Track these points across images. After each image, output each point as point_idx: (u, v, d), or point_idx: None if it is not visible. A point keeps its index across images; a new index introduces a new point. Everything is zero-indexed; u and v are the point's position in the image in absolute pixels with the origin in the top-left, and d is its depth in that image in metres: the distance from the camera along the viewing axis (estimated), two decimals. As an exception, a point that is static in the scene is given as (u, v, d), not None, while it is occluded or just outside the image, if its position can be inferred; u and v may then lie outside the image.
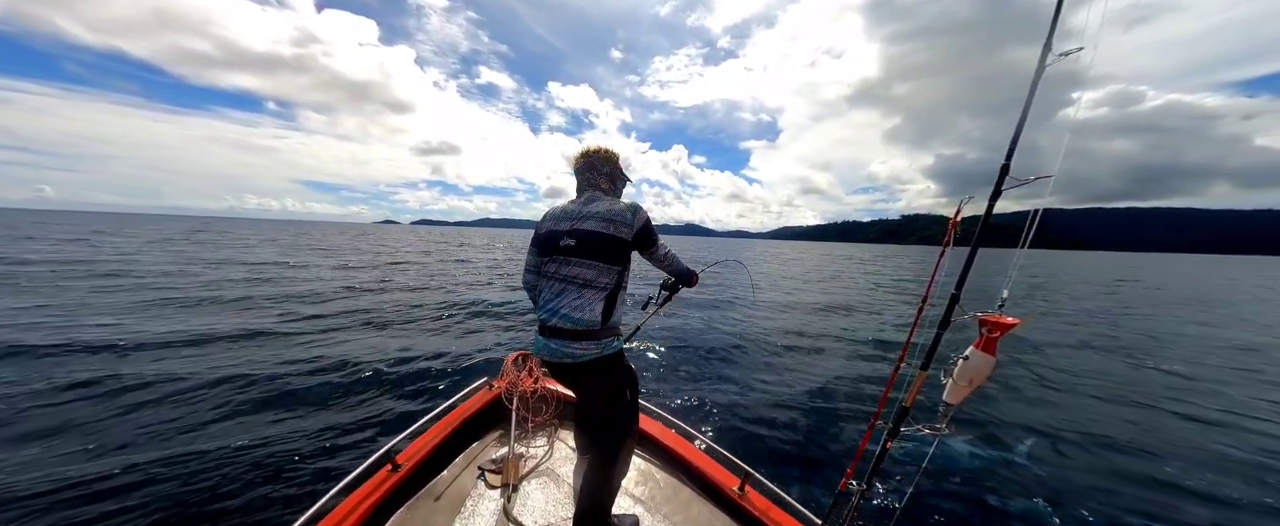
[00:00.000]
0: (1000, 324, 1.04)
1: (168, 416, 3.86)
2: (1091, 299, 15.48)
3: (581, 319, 1.57)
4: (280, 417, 3.95)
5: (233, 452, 3.30)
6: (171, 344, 5.94)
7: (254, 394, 4.46)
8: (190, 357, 5.49)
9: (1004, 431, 4.13)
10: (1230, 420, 4.57)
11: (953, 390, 1.22)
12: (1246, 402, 5.10)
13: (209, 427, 3.70)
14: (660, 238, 1.81)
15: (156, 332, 6.40)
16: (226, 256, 18.66)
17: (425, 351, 6.27)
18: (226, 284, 11.56)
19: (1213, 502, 3.12)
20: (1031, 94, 0.87)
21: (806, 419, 4.29)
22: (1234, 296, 17.75)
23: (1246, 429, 4.37)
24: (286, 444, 3.48)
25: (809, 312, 10.99)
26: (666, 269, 2.00)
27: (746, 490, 2.01)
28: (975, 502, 3.01)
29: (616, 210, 1.64)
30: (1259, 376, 6.23)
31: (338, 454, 3.37)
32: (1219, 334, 9.53)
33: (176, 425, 3.70)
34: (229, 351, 5.82)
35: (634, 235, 1.65)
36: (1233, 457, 3.75)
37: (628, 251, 1.66)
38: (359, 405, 4.31)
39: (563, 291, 1.63)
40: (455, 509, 1.99)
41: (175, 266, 14.73)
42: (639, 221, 1.66)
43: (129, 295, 9.28)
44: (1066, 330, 9.44)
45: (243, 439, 3.51)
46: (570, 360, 1.59)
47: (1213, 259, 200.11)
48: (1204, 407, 4.92)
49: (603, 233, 1.60)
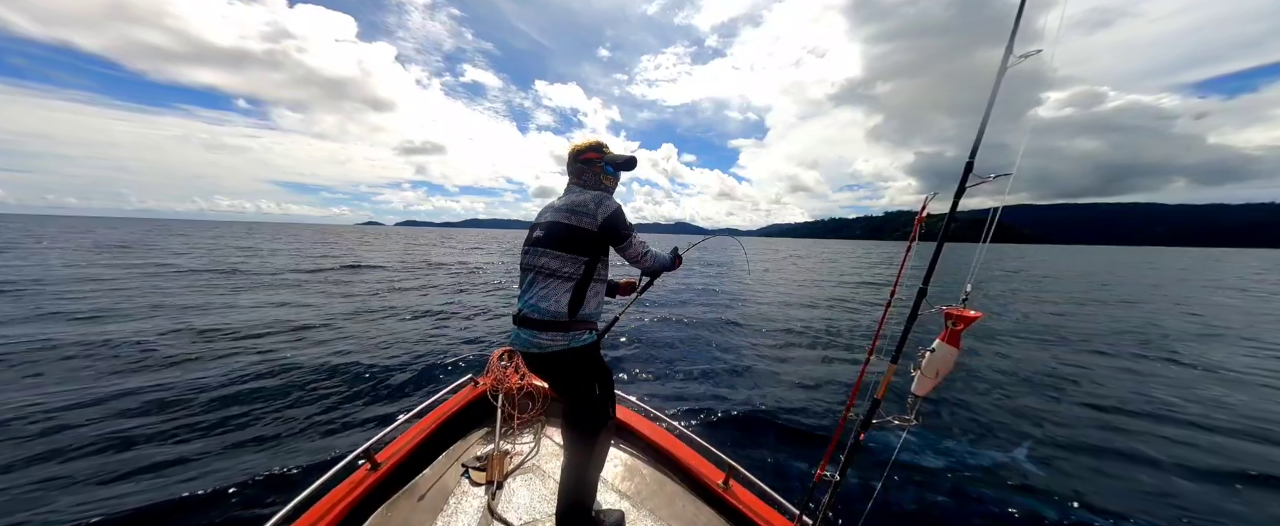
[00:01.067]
0: (964, 317, 1.07)
1: (131, 421, 3.76)
2: (1079, 292, 15.96)
3: (546, 309, 1.56)
4: (249, 419, 3.87)
5: (196, 456, 3.23)
6: (125, 348, 5.77)
7: (218, 393, 4.36)
8: (148, 363, 5.34)
9: (975, 425, 4.25)
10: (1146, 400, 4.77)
11: (920, 382, 1.25)
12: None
13: (174, 433, 3.61)
14: (635, 232, 1.73)
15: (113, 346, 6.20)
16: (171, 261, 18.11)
17: (408, 349, 6.20)
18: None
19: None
20: (994, 93, 0.89)
21: (790, 412, 4.35)
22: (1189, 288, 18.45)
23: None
24: (257, 446, 3.41)
25: (793, 308, 11.13)
26: (642, 267, 1.93)
27: (731, 484, 2.04)
28: (945, 492, 3.10)
29: (580, 201, 1.61)
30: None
31: (315, 454, 3.31)
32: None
33: (141, 430, 3.60)
34: (190, 354, 5.67)
35: (599, 226, 1.58)
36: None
37: (594, 243, 1.60)
38: (339, 405, 4.24)
39: (533, 281, 1.64)
40: (438, 507, 1.98)
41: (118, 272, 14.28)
42: (604, 212, 1.59)
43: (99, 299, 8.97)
44: (1052, 322, 9.73)
45: (208, 442, 3.44)
46: (537, 350, 1.59)
47: (1174, 251, 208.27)
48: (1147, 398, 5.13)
49: (565, 223, 1.59)
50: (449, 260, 23.60)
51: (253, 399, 4.27)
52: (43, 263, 14.59)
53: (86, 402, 4.01)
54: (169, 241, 30.16)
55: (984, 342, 7.42)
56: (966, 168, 0.98)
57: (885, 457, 3.11)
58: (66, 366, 4.97)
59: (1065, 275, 23.97)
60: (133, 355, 5.40)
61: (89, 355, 5.35)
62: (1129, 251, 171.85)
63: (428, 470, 2.23)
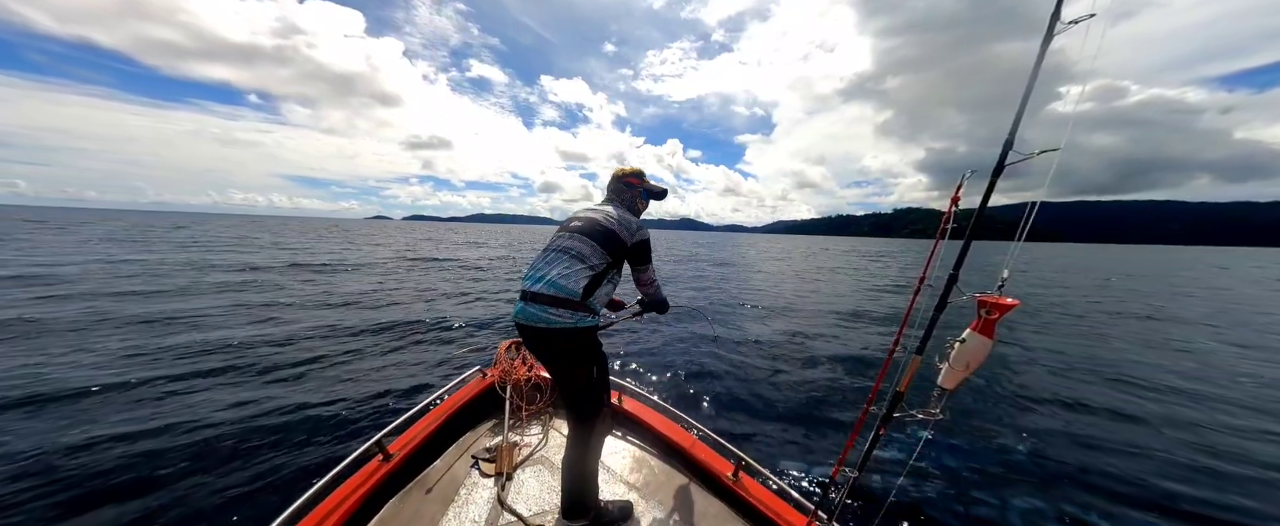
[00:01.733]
0: (1000, 305, 1.02)
1: (147, 410, 3.81)
2: (1090, 291, 15.67)
3: (565, 287, 1.64)
4: (262, 410, 3.90)
5: (212, 446, 3.26)
6: (140, 344, 5.85)
7: (230, 385, 4.41)
8: (159, 356, 5.41)
9: (998, 423, 4.17)
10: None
11: (948, 375, 1.20)
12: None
13: (184, 422, 3.65)
14: (652, 262, 1.97)
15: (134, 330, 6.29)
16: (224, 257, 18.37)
17: (417, 341, 6.23)
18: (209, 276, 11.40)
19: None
20: (1037, 66, 0.84)
21: (801, 406, 4.31)
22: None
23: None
24: (269, 436, 3.43)
25: (802, 304, 11.04)
26: (646, 292, 2.11)
27: (740, 476, 2.01)
28: (966, 493, 3.02)
29: (626, 218, 1.85)
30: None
31: (326, 445, 3.33)
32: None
33: (153, 419, 3.65)
34: (205, 346, 5.75)
35: (633, 244, 1.81)
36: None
37: (623, 253, 1.80)
38: (349, 396, 4.27)
39: (556, 260, 1.72)
40: (448, 498, 1.98)
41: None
42: (640, 235, 1.84)
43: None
44: (1071, 321, 9.56)
45: (222, 430, 3.47)
46: (544, 325, 1.62)
47: (1192, 250, 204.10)
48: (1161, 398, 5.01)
49: (609, 227, 1.78)
50: (456, 254, 23.74)
51: (273, 382, 4.32)
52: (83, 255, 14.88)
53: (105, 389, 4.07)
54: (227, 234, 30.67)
55: (1013, 334, 7.28)
56: (1007, 145, 0.92)
57: (904, 453, 3.07)
58: (68, 339, 5.05)
59: (1099, 272, 23.54)
60: (181, 339, 5.48)
61: (87, 345, 5.44)
62: (1151, 250, 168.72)
63: (438, 461, 2.23)
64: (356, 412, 3.90)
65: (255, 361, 5.07)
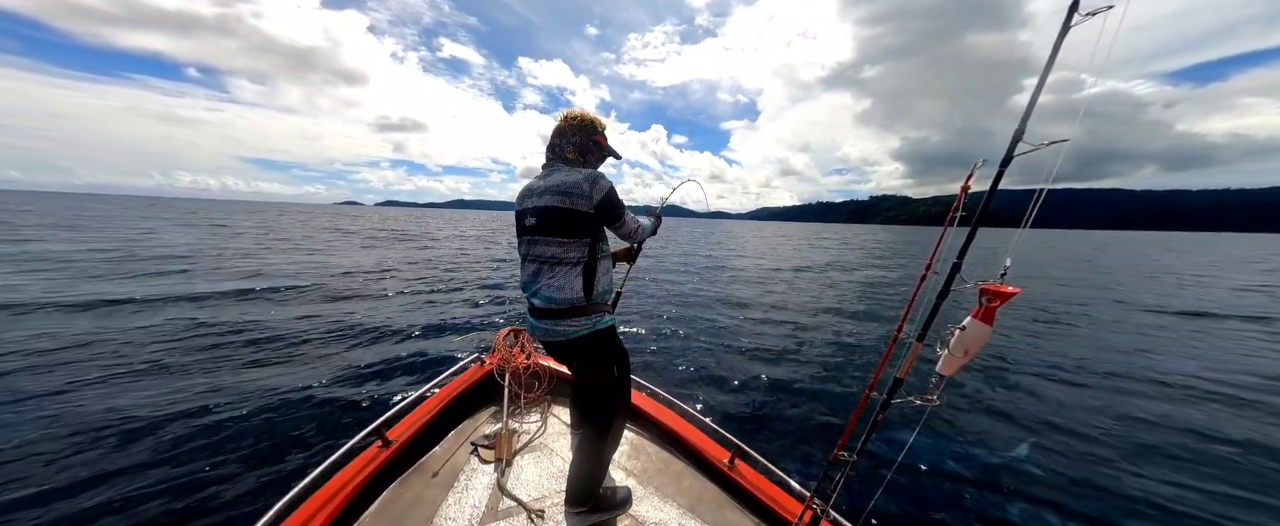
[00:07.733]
0: (1001, 293, 1.03)
1: (139, 398, 3.76)
2: (1078, 276, 16.01)
3: (562, 298, 1.54)
4: (261, 396, 3.87)
5: (209, 433, 3.23)
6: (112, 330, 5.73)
7: (227, 373, 4.36)
8: (149, 338, 5.32)
9: (992, 411, 4.28)
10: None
11: (947, 361, 1.22)
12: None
13: (183, 411, 3.61)
14: (626, 209, 1.68)
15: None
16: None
17: (415, 329, 6.20)
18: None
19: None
20: (1053, 56, 0.84)
21: (795, 394, 4.38)
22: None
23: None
24: (267, 424, 3.42)
25: (793, 291, 11.14)
26: (635, 242, 1.91)
27: (737, 463, 2.05)
28: (960, 479, 3.09)
29: (571, 181, 1.53)
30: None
31: (325, 433, 3.33)
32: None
33: (149, 406, 3.60)
34: (194, 328, 5.65)
35: (595, 207, 1.54)
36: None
37: (591, 224, 1.56)
38: (347, 383, 4.25)
39: (538, 272, 1.59)
40: (448, 484, 1.98)
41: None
42: (598, 191, 1.54)
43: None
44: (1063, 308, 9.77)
45: (219, 417, 3.44)
46: (562, 339, 1.58)
47: (1142, 235, 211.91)
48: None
49: (560, 207, 1.52)
50: (440, 237, 23.48)
51: (268, 370, 4.27)
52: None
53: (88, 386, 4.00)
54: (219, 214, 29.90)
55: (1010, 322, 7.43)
56: (1016, 135, 0.93)
57: (901, 440, 3.13)
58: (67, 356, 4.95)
59: (1067, 261, 24.04)
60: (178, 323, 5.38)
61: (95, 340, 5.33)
62: (1108, 235, 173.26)
63: (438, 448, 2.23)
64: (354, 399, 3.89)
65: (246, 349, 5.01)
